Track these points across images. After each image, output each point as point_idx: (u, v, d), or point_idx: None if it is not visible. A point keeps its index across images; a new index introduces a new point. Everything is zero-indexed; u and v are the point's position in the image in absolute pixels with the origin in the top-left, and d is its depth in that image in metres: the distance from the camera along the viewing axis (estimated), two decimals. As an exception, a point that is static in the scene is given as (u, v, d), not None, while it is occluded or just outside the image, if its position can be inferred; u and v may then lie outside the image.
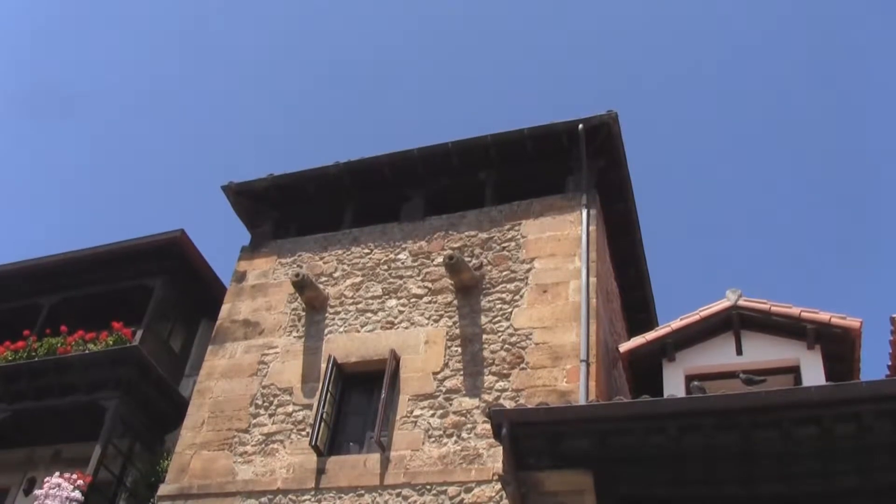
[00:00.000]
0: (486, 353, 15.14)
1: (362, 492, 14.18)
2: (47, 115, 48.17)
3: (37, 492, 16.31)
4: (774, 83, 45.25)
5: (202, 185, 53.29)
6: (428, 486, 13.87)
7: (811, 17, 44.54)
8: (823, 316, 14.07)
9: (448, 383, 15.01)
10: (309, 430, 15.15)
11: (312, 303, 16.98)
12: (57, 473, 16.32)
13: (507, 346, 15.10)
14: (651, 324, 18.94)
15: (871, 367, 27.27)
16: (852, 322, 13.95)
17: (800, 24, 44.78)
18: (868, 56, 43.16)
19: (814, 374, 13.73)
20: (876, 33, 42.34)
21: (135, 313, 18.98)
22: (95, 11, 49.06)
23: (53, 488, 15.88)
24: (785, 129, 44.64)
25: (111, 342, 18.12)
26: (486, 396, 14.56)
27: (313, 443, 14.75)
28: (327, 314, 16.86)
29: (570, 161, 17.20)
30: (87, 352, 18.18)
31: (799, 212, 44.22)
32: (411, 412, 14.86)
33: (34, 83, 46.77)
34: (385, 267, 17.13)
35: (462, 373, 15.06)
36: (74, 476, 16.21)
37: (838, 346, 14.09)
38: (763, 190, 44.97)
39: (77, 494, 15.91)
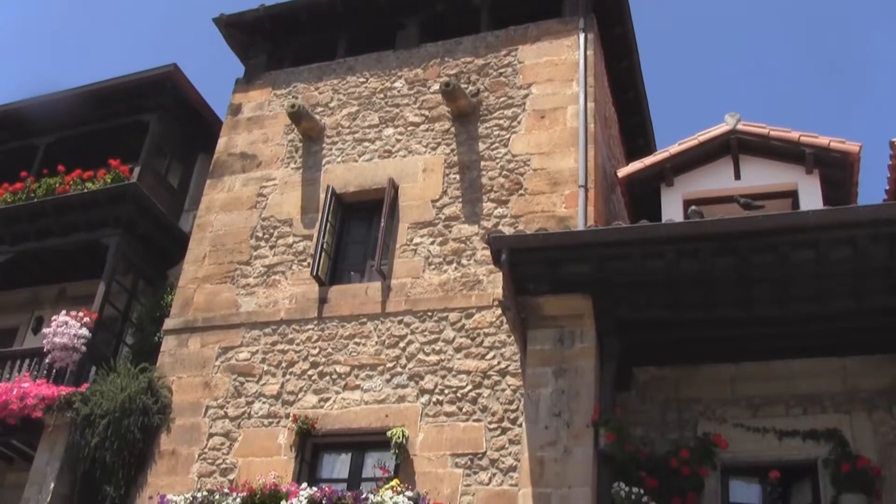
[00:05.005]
0: (484, 180, 15.13)
1: (364, 320, 14.41)
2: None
3: (45, 330, 16.54)
4: None
5: (194, 19, 52.32)
6: (429, 313, 14.09)
7: None
8: (822, 140, 14.00)
9: (447, 211, 15.06)
10: (310, 260, 15.29)
11: (309, 133, 16.87)
12: (63, 312, 16.53)
13: (505, 172, 15.08)
14: (649, 149, 18.85)
15: (870, 193, 27.36)
16: (851, 146, 13.89)
17: None
18: None
19: (811, 198, 13.75)
20: None
21: (131, 150, 18.82)
22: None
23: (61, 326, 16.12)
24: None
25: (109, 180, 18.03)
26: (485, 223, 14.63)
27: (314, 273, 14.90)
28: (324, 144, 16.77)
29: (566, -16, 16.84)
30: (85, 191, 18.11)
31: (799, 36, 43.58)
32: (411, 240, 14.96)
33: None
34: (381, 96, 16.93)
35: (461, 200, 15.09)
36: (81, 314, 16.43)
37: (836, 171, 14.07)
38: (763, 14, 44.19)
39: (84, 331, 16.16)
